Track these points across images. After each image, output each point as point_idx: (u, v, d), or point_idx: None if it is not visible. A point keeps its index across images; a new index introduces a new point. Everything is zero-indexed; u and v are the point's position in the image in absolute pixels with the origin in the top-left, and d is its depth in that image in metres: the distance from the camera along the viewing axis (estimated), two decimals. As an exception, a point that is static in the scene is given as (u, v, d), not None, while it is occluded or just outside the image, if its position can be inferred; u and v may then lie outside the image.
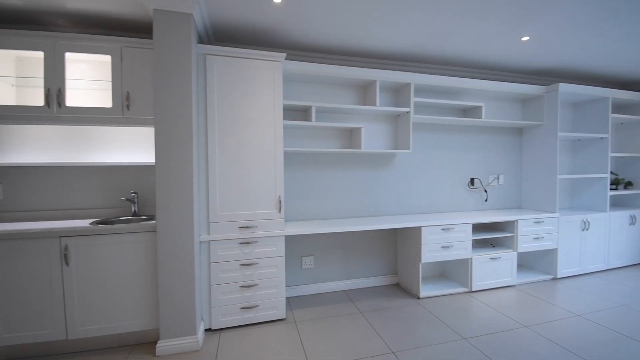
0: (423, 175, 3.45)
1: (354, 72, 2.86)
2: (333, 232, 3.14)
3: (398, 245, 3.36)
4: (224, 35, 2.68)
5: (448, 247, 2.98)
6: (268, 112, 2.45)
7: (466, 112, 3.48)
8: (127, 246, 2.12)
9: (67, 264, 2.02)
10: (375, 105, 2.93)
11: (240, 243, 2.40)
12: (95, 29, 2.50)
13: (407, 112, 3.05)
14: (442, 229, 2.96)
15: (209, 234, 2.34)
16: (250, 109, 2.41)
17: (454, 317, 2.59)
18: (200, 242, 2.31)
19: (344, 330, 2.39)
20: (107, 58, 2.33)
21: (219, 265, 2.36)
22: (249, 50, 2.39)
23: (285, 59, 2.78)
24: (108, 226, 2.09)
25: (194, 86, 2.19)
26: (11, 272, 1.96)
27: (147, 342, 2.25)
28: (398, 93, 3.25)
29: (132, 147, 2.61)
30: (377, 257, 3.33)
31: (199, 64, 2.30)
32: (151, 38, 2.53)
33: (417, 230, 2.96)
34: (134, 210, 2.51)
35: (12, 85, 2.35)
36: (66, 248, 2.01)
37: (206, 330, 2.39)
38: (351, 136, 3.12)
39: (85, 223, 2.20)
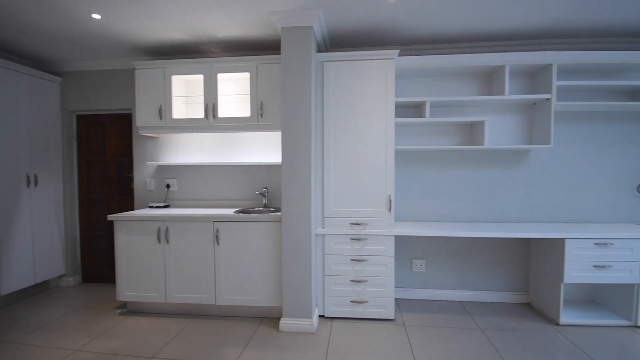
0: (567, 175, 2.85)
1: (476, 59, 2.58)
2: (448, 237, 2.93)
3: (531, 258, 2.88)
4: (339, 41, 2.83)
5: (604, 267, 2.38)
6: (379, 110, 2.47)
7: (634, 94, 2.69)
8: (259, 232, 2.50)
9: (218, 244, 2.52)
10: (503, 94, 2.58)
11: (351, 239, 2.51)
12: (238, 51, 3.02)
13: (548, 99, 2.56)
14: (595, 244, 2.39)
15: (323, 228, 2.53)
16: (363, 109, 2.48)
17: (610, 356, 2.07)
18: (316, 234, 2.52)
19: (459, 344, 2.21)
20: (246, 75, 2.79)
21: (332, 258, 2.53)
22: (361, 52, 2.46)
23: (399, 55, 2.74)
24: (246, 215, 2.51)
25: (313, 92, 2.39)
26: (183, 245, 2.57)
27: (272, 317, 2.60)
28: (533, 77, 2.77)
29: (264, 150, 3.05)
30: (501, 269, 2.93)
31: (318, 71, 2.50)
32: (280, 53, 2.89)
33: (559, 243, 2.47)
34: (265, 203, 2.93)
35: (183, 103, 3.06)
36: (217, 230, 2.52)
37: (320, 316, 2.60)
38: (471, 131, 2.84)
39: (230, 211, 2.71)
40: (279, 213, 2.56)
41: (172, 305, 2.68)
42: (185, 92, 3.05)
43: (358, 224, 2.50)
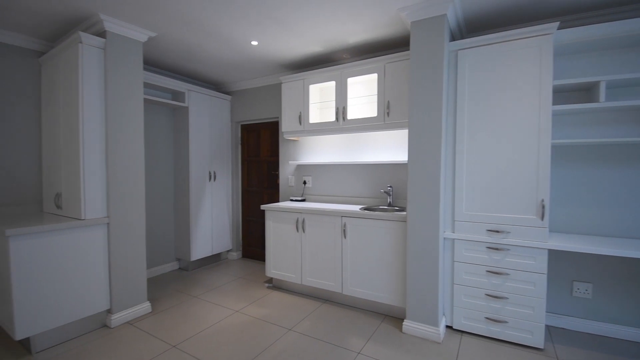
0: None
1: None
2: (628, 258, 2.21)
3: None
4: (477, 25, 2.53)
5: None
6: (530, 98, 2.08)
7: None
8: (383, 230, 2.53)
9: (345, 237, 2.70)
10: None
11: (488, 247, 2.22)
12: (366, 54, 3.12)
13: None
14: None
15: (453, 232, 2.33)
16: (506, 99, 2.15)
17: None
18: (445, 238, 2.35)
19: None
20: (374, 76, 2.85)
21: (462, 266, 2.31)
22: (508, 32, 2.12)
23: (558, 29, 2.22)
24: (371, 212, 2.58)
25: (445, 85, 2.23)
26: (316, 235, 2.87)
27: (395, 316, 2.59)
28: None
29: (389, 148, 3.06)
30: None
31: (450, 62, 2.32)
32: (408, 49, 2.82)
33: None
34: (389, 201, 2.94)
35: (318, 108, 3.39)
36: (344, 225, 2.69)
37: (447, 327, 2.42)
38: (682, 118, 2.04)
39: (356, 208, 2.85)
40: (404, 212, 2.52)
41: (306, 287, 3.04)
42: (319, 99, 3.38)
43: (497, 232, 2.19)
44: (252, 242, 4.26)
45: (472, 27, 2.57)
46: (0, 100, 2.58)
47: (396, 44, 2.89)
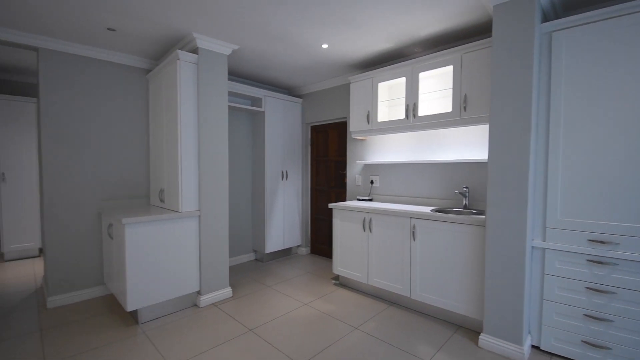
0: None
1: None
2: None
3: None
4: (575, 2, 2.18)
5: None
6: (653, 85, 1.71)
7: None
8: (457, 235, 2.36)
9: (414, 239, 2.60)
10: None
11: (589, 260, 1.90)
12: (440, 46, 2.94)
13: None
14: None
15: (544, 240, 2.06)
16: (618, 84, 1.81)
17: None
18: (533, 247, 2.09)
19: None
20: (449, 68, 2.68)
21: (555, 280, 2.02)
22: (618, 6, 1.78)
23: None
24: (443, 215, 2.44)
25: (535, 73, 1.98)
26: (383, 236, 2.83)
27: (469, 328, 2.40)
28: None
29: (465, 146, 2.84)
30: None
31: (542, 46, 2.05)
32: (488, 36, 2.58)
33: None
34: (465, 204, 2.73)
35: (386, 107, 3.32)
36: (414, 227, 2.59)
37: (533, 346, 2.15)
38: None
39: (427, 209, 2.72)
40: (482, 216, 2.31)
41: (372, 288, 3.02)
42: (388, 96, 3.31)
43: (602, 242, 1.86)
44: (320, 239, 4.39)
45: (569, 4, 2.22)
46: (118, 111, 3.15)
47: (473, 33, 2.66)
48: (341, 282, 3.32)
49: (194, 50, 2.75)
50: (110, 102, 3.09)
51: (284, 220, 4.19)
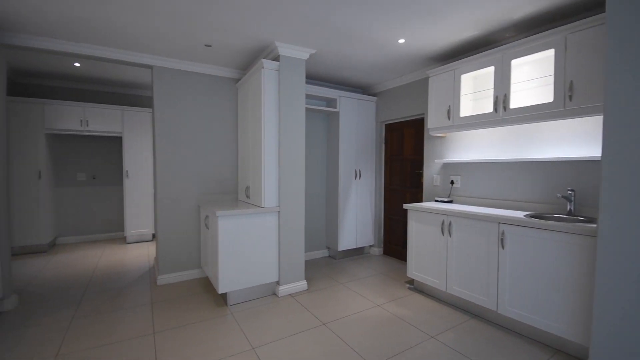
0: None
1: None
2: None
3: None
4: None
5: None
6: None
7: None
8: (559, 245, 2.05)
9: (503, 248, 2.34)
10: None
11: None
12: (537, 28, 2.58)
13: None
14: None
15: (684, 258, 1.64)
16: None
17: None
18: (666, 265, 1.68)
19: None
20: (549, 53, 2.34)
21: (701, 309, 1.59)
22: None
23: None
24: (541, 221, 2.14)
25: (673, 51, 1.59)
26: (465, 242, 2.62)
27: (569, 354, 2.05)
28: None
29: (568, 141, 2.44)
30: None
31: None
32: (595, 13, 2.18)
33: None
34: (569, 209, 2.35)
35: (470, 100, 3.05)
36: (502, 233, 2.33)
37: (667, 388, 1.73)
38: None
39: (519, 214, 2.42)
40: (593, 225, 1.96)
41: (450, 296, 2.81)
42: (473, 89, 3.04)
43: None
44: (393, 239, 4.28)
45: None
46: (213, 117, 3.57)
47: (578, 10, 2.26)
48: (416, 287, 3.18)
49: (276, 58, 2.95)
50: (207, 109, 3.52)
51: (357, 219, 4.19)
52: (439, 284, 2.82)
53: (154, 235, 5.20)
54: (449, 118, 3.00)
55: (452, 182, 3.32)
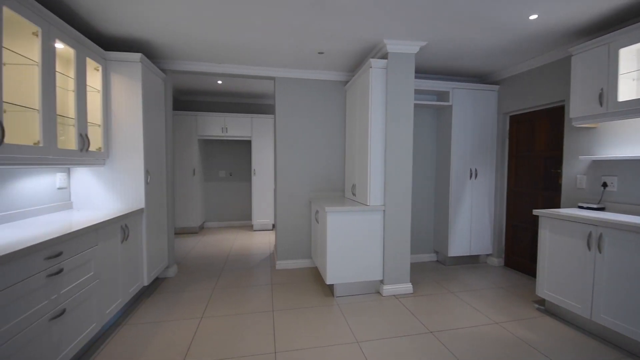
0: None
1: None
2: None
3: None
4: None
5: None
6: None
7: None
8: None
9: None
10: None
11: None
12: None
13: None
14: None
15: None
16: None
17: None
18: None
19: None
20: None
21: None
22: None
23: None
24: None
25: None
26: (623, 261, 2.06)
27: None
28: None
29: None
30: None
31: None
32: None
33: None
34: None
35: (633, 80, 2.36)
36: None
37: None
38: None
39: None
40: None
41: (598, 326, 2.26)
42: (637, 66, 2.34)
43: None
44: (517, 250, 3.69)
45: None
46: (325, 120, 3.81)
47: None
48: (547, 309, 2.68)
49: (384, 56, 2.95)
50: (318, 112, 3.80)
51: (472, 223, 3.80)
52: (581, 309, 2.30)
53: (273, 225, 5.93)
54: (601, 104, 2.40)
55: (604, 185, 2.65)
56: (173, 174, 3.59)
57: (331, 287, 3.09)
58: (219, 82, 4.82)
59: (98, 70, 2.62)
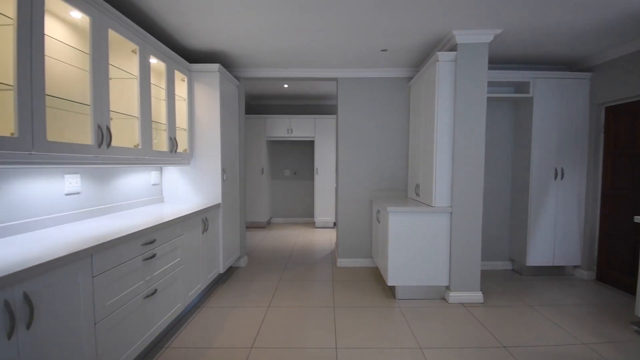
0: None
1: None
2: None
3: None
4: None
5: None
6: None
7: None
8: None
9: None
10: None
11: None
12: None
13: None
14: None
15: None
16: None
17: None
18: None
19: None
20: None
21: None
22: None
23: None
24: None
25: None
26: None
27: None
28: None
29: None
30: None
31: None
32: None
33: None
34: None
35: None
36: None
37: None
38: None
39: None
40: None
41: None
42: None
43: None
44: (613, 263, 3.17)
45: None
46: (385, 118, 3.75)
47: None
48: (657, 334, 2.26)
49: (453, 48, 2.78)
50: (380, 110, 3.76)
51: (556, 230, 3.37)
52: None
53: (334, 224, 6.03)
54: None
55: None
56: (244, 172, 3.90)
57: (392, 288, 3.03)
58: (285, 85, 5.06)
59: (184, 81, 2.97)
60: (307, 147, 6.54)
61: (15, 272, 1.02)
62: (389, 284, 2.85)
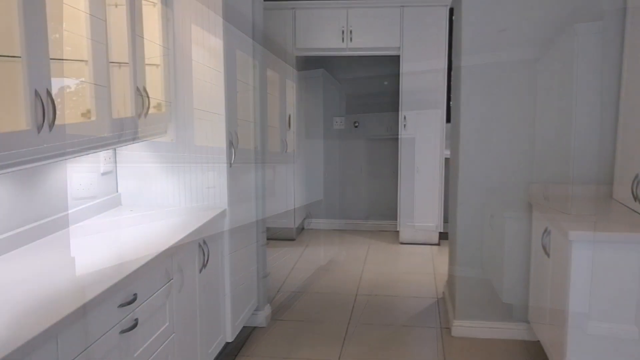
0: None
1: None
2: None
3: None
4: None
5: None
6: None
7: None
8: None
9: None
10: None
11: None
12: None
13: None
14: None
15: None
16: None
17: None
18: None
19: None
20: None
21: None
22: None
23: None
24: None
25: None
26: None
27: None
28: None
29: None
30: None
31: None
32: None
33: None
34: None
35: None
36: None
37: None
38: None
39: None
40: None
41: None
42: None
43: None
44: None
45: None
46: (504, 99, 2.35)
47: None
48: None
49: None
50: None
51: None
52: None
53: (440, 237, 3.82)
54: None
55: None
56: (264, 135, 3.21)
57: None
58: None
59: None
60: (381, 73, 3.39)
61: None
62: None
